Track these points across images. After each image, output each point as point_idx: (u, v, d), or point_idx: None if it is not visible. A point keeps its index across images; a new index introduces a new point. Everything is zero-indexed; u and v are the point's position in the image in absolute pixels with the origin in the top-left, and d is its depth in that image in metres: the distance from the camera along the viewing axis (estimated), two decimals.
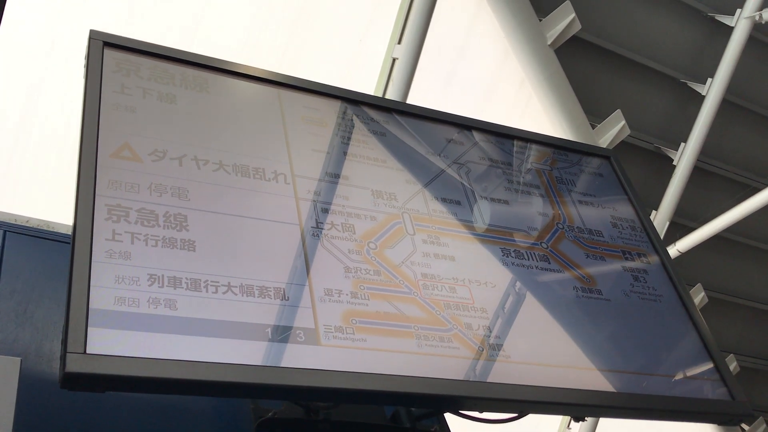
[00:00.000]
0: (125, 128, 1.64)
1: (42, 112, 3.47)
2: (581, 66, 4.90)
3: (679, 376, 1.84)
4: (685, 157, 5.23)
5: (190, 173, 1.63)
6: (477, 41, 4.68)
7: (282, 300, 1.52)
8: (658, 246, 2.10)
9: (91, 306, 1.34)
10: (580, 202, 2.13)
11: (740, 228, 5.55)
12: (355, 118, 1.98)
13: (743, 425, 5.93)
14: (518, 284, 1.82)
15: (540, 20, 4.47)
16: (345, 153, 1.88)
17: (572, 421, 5.15)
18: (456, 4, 4.52)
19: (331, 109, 1.97)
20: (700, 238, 5.38)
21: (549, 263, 1.91)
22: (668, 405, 1.77)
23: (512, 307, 1.77)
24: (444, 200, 1.91)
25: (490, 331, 1.69)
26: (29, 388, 1.55)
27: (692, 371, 1.88)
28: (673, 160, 5.29)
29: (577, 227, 2.05)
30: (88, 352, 1.29)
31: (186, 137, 1.70)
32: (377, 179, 1.86)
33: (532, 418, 1.71)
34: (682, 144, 5.25)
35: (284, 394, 1.52)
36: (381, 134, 1.98)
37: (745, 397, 1.87)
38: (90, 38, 1.76)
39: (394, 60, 4.37)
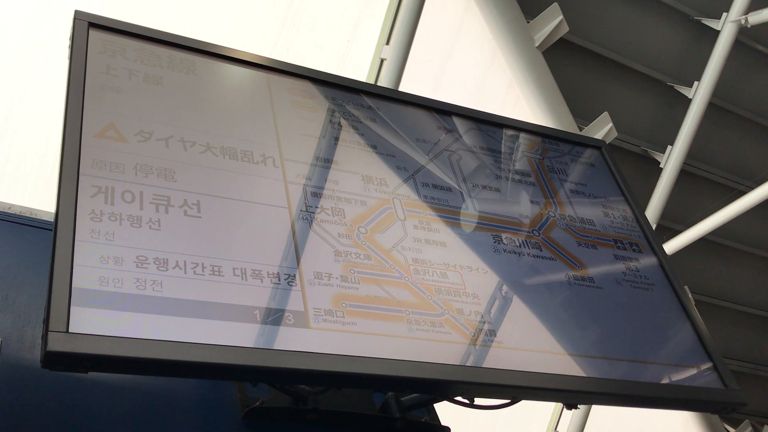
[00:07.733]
0: (110, 108, 1.61)
1: (27, 99, 3.43)
2: (569, 68, 4.91)
3: (672, 364, 1.82)
4: (672, 160, 5.25)
5: (177, 154, 1.60)
6: (465, 42, 4.68)
7: (271, 283, 1.49)
8: (650, 235, 2.09)
9: (74, 285, 1.30)
10: (572, 191, 2.11)
11: (726, 231, 5.57)
12: (345, 104, 1.96)
13: (729, 428, 5.93)
14: (510, 271, 1.80)
15: (528, 22, 4.48)
16: (335, 138, 1.86)
17: (560, 421, 5.13)
18: (444, 5, 4.52)
19: (321, 94, 1.95)
20: (686, 241, 5.39)
21: (541, 251, 1.89)
22: (660, 393, 1.75)
23: (504, 294, 1.75)
24: (435, 187, 1.89)
25: (482, 317, 1.66)
26: (10, 373, 1.51)
27: (684, 359, 1.86)
28: (660, 163, 5.30)
29: (569, 216, 2.04)
30: (70, 330, 1.25)
31: (172, 119, 1.67)
32: (367, 164, 1.83)
33: (521, 419, 1.68)
34: (669, 147, 5.27)
35: (273, 377, 1.48)
36: (372, 120, 1.96)
37: (736, 385, 1.85)
38: (75, 19, 1.72)
39: (382, 61, 4.37)
